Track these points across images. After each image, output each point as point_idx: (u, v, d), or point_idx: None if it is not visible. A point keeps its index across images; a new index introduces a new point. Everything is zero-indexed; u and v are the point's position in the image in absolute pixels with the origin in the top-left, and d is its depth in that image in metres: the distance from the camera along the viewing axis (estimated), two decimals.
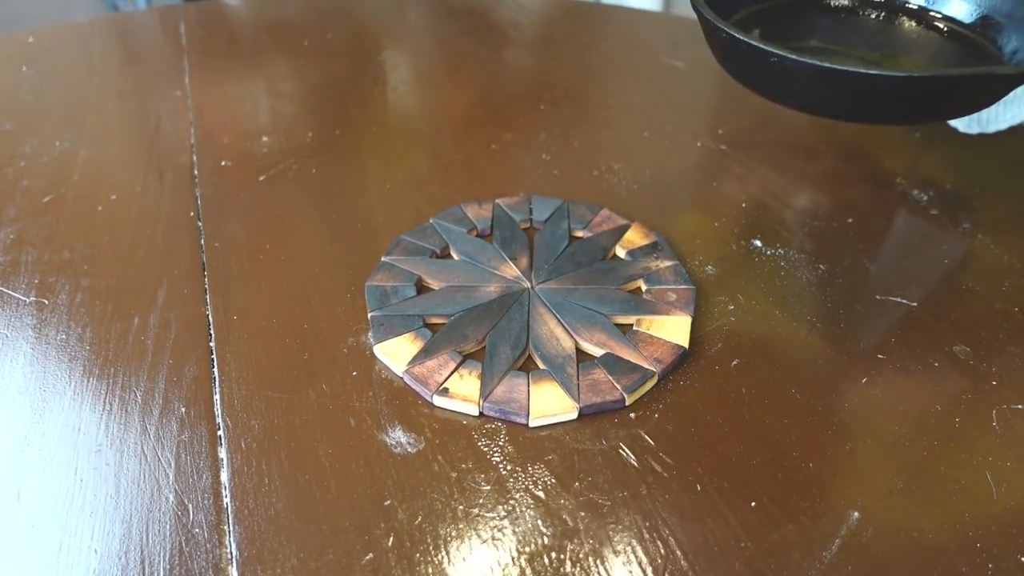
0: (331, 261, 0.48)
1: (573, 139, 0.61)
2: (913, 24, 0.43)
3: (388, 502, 0.33)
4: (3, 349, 0.42)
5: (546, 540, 0.32)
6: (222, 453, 0.36)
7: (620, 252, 0.47)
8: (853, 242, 0.49)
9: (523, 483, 0.34)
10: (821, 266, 0.47)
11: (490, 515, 0.33)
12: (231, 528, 0.32)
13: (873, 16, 0.43)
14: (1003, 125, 0.49)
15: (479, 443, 0.36)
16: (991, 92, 0.34)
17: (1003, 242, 0.49)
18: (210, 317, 0.43)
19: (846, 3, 0.45)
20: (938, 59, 0.41)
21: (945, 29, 0.42)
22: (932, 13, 0.43)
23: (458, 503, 0.33)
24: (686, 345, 0.40)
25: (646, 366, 0.38)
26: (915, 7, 0.43)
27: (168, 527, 0.32)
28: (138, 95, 0.70)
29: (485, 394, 0.37)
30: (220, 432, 0.37)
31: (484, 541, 0.32)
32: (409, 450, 0.36)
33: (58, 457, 0.36)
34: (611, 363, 0.39)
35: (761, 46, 0.35)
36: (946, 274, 0.46)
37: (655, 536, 0.32)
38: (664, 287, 0.44)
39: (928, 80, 0.33)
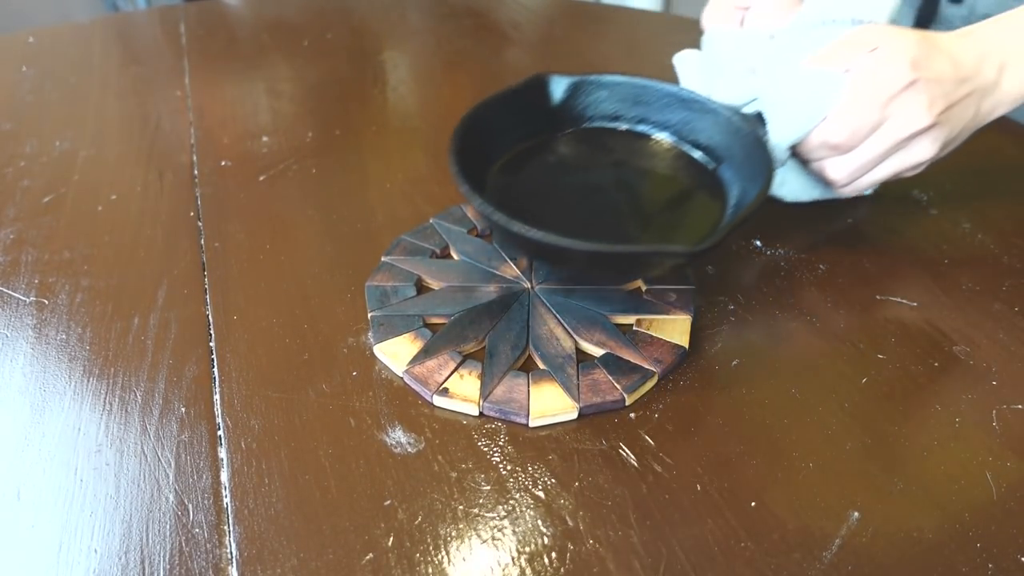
0: (331, 261, 0.48)
1: None
2: (665, 156, 0.46)
3: (388, 502, 0.33)
4: (3, 349, 0.42)
5: (546, 540, 0.32)
6: (222, 453, 0.36)
7: None
8: (853, 242, 0.49)
9: (523, 483, 0.34)
10: (821, 266, 0.47)
11: (490, 515, 0.33)
12: (231, 528, 0.32)
13: (634, 154, 0.46)
14: (804, 197, 0.51)
15: (479, 443, 0.36)
16: (678, 260, 0.37)
17: (1003, 242, 0.49)
18: (210, 317, 0.43)
19: (596, 134, 0.48)
20: (672, 199, 0.44)
21: (694, 166, 0.45)
22: (683, 151, 0.46)
23: (458, 503, 0.33)
24: (686, 345, 0.40)
25: (646, 366, 0.38)
26: (667, 144, 0.47)
27: (168, 527, 0.32)
28: (138, 95, 0.70)
29: (485, 394, 0.37)
30: (220, 432, 0.37)
31: (484, 541, 0.32)
32: (409, 450, 0.36)
33: (58, 457, 0.36)
34: (611, 363, 0.39)
35: (467, 189, 0.37)
36: (946, 274, 0.46)
37: (655, 536, 0.32)
38: (664, 287, 0.44)
39: (594, 253, 0.35)
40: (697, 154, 0.45)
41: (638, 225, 0.41)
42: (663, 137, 0.47)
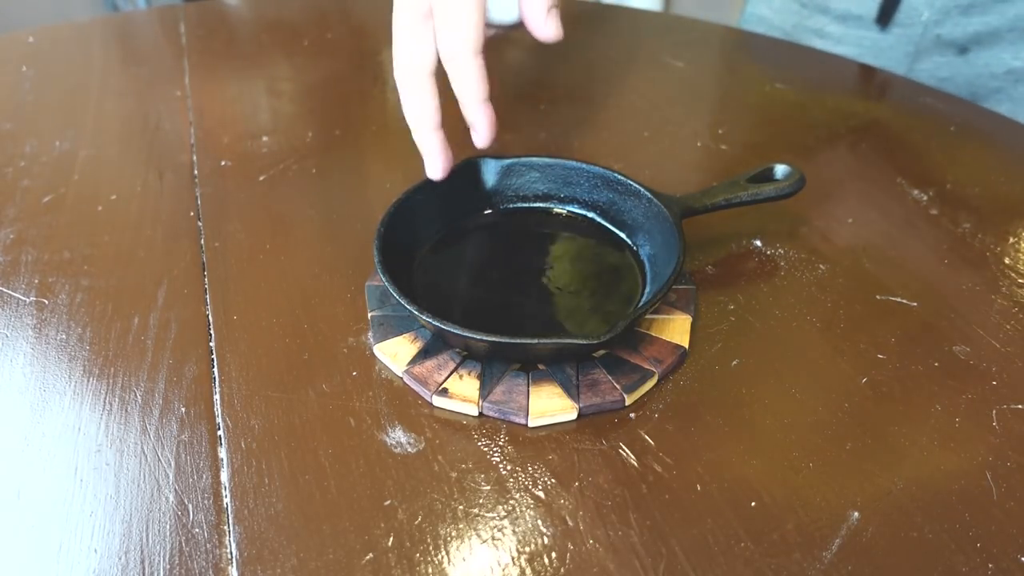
0: (331, 261, 0.48)
1: (573, 139, 0.61)
2: (592, 236, 0.48)
3: (388, 502, 0.33)
4: (3, 349, 0.42)
5: (546, 540, 0.32)
6: (222, 453, 0.36)
7: None
8: (853, 242, 0.49)
9: (523, 483, 0.34)
10: (821, 266, 0.47)
11: (490, 515, 0.33)
12: (231, 528, 0.32)
13: (562, 234, 0.48)
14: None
15: (479, 443, 0.36)
16: (579, 350, 0.38)
17: (1003, 242, 0.49)
18: (210, 317, 0.43)
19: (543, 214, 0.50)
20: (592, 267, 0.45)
21: (618, 247, 0.47)
22: (609, 232, 0.48)
23: (458, 503, 0.33)
24: (686, 345, 0.40)
25: (646, 366, 0.38)
26: (594, 224, 0.49)
27: (168, 527, 0.32)
28: (138, 95, 0.70)
29: (485, 394, 0.37)
30: (220, 432, 0.37)
31: (484, 541, 0.32)
32: (409, 450, 0.36)
33: (58, 457, 0.36)
34: (611, 363, 0.39)
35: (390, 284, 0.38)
36: (946, 274, 0.46)
37: (655, 536, 0.32)
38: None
39: (507, 345, 0.36)
40: (622, 234, 0.47)
41: (561, 305, 0.42)
42: (591, 217, 0.49)
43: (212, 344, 0.42)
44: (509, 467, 0.35)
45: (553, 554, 0.31)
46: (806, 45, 0.81)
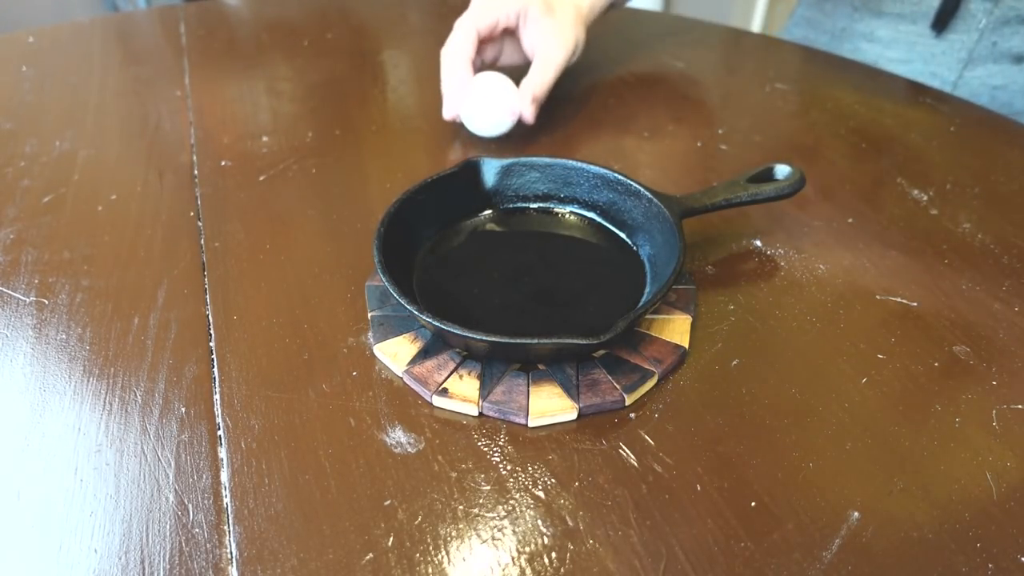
0: (331, 261, 0.48)
1: (573, 139, 0.61)
2: (591, 236, 0.48)
3: (388, 502, 0.33)
4: (3, 349, 0.42)
5: (546, 540, 0.32)
6: (222, 453, 0.36)
7: None
8: (853, 242, 0.49)
9: (523, 483, 0.34)
10: (821, 266, 0.47)
11: (490, 515, 0.33)
12: (231, 528, 0.32)
13: (562, 234, 0.48)
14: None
15: (479, 443, 0.36)
16: (579, 350, 0.38)
17: (1003, 242, 0.49)
18: (210, 317, 0.43)
19: (537, 213, 0.50)
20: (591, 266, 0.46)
21: (618, 247, 0.47)
22: (609, 232, 0.48)
23: (458, 503, 0.33)
24: (686, 345, 0.40)
25: (646, 366, 0.38)
26: (594, 224, 0.49)
27: (168, 527, 0.32)
28: (138, 95, 0.70)
29: (485, 394, 0.37)
30: (220, 432, 0.37)
31: (484, 541, 0.32)
32: (409, 450, 0.36)
33: (58, 457, 0.36)
34: (611, 363, 0.39)
35: (392, 287, 0.38)
36: (946, 274, 0.46)
37: (655, 536, 0.32)
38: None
39: (507, 345, 0.36)
40: (622, 234, 0.47)
41: (561, 305, 0.42)
42: (591, 217, 0.49)
43: (212, 344, 0.42)
44: (509, 467, 0.35)
45: (553, 554, 0.31)
46: (851, 47, 0.81)
